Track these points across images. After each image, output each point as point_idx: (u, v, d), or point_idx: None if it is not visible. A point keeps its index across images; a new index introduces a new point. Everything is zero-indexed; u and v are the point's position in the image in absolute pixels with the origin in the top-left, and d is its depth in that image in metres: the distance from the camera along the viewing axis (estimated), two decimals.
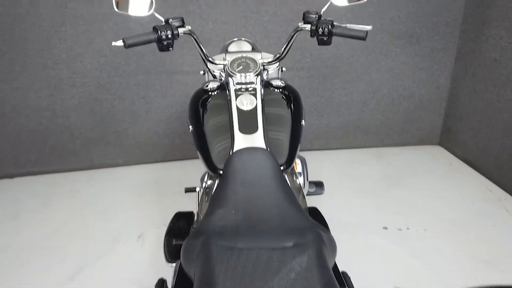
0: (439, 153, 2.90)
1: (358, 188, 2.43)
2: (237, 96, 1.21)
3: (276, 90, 1.30)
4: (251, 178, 1.01)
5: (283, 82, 1.31)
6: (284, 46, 1.38)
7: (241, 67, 1.30)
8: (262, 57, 1.38)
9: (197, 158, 1.18)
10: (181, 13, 2.30)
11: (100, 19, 2.32)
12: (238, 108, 1.17)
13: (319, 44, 1.31)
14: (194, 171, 2.62)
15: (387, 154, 2.86)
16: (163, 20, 1.28)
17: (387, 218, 2.13)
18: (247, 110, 1.17)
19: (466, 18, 2.56)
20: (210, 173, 1.12)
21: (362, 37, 1.23)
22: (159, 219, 2.14)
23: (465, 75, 2.64)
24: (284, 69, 1.51)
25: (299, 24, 1.34)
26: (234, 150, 1.08)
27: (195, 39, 1.33)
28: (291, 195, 0.99)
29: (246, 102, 1.18)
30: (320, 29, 1.26)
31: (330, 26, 1.25)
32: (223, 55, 1.40)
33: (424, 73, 2.74)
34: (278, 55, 1.40)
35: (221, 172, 1.07)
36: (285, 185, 1.02)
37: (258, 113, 1.16)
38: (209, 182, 1.31)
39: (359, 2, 1.33)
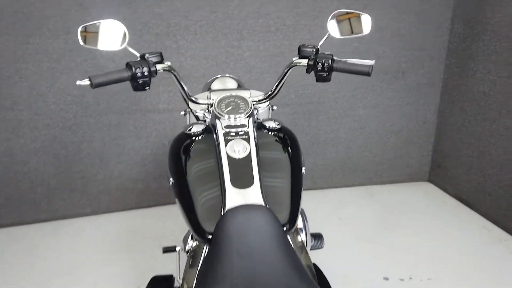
0: (430, 190, 2.78)
1: (352, 233, 2.25)
2: (227, 141, 1.02)
3: (270, 132, 1.13)
4: (249, 246, 0.82)
5: (277, 123, 1.15)
6: (277, 83, 1.23)
7: (230, 107, 1.13)
8: (251, 95, 1.22)
9: (175, 203, 0.99)
10: (157, 48, 2.12)
11: (67, 55, 2.12)
12: (229, 156, 0.99)
13: (317, 80, 1.17)
14: (170, 218, 2.38)
15: (377, 193, 2.71)
16: (138, 55, 1.11)
17: (387, 267, 1.94)
18: (239, 159, 0.99)
19: (451, 52, 2.53)
20: (197, 237, 0.91)
21: (367, 72, 1.10)
22: (133, 281, 1.86)
23: (452, 109, 2.58)
24: (275, 107, 1.36)
25: (294, 59, 1.20)
26: (226, 209, 0.89)
27: (175, 76, 1.16)
28: (298, 264, 0.81)
29: (238, 149, 1.00)
30: (320, 64, 1.12)
31: (330, 61, 1.11)
32: (207, 93, 1.24)
33: (411, 108, 2.67)
34: (269, 93, 1.25)
35: (210, 236, 0.87)
36: (291, 252, 0.84)
37: (253, 162, 0.98)
38: (194, 244, 1.10)
39: (359, 35, 1.22)
